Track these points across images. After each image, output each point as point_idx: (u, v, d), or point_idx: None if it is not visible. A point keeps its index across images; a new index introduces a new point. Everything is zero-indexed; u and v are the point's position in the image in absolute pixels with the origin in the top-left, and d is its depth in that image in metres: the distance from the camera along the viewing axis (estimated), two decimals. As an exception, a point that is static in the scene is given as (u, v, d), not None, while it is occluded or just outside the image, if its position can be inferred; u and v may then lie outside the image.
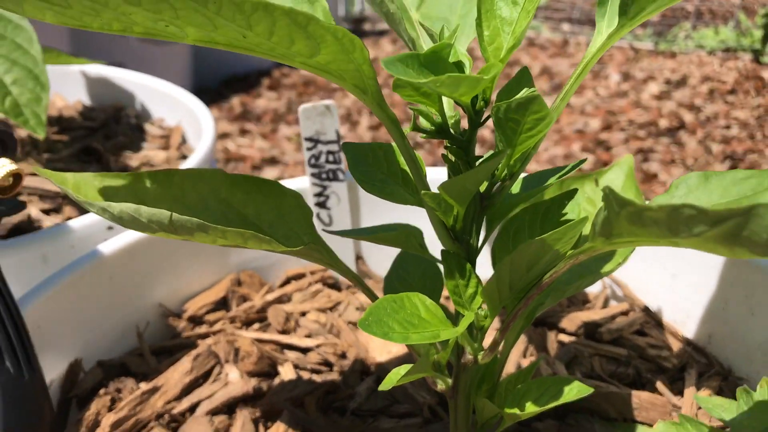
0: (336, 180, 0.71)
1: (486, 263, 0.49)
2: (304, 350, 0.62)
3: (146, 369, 0.60)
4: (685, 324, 0.64)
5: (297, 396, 0.55)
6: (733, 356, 0.60)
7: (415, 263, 0.50)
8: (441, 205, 0.38)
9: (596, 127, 2.12)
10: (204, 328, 0.64)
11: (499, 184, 0.40)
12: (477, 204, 0.40)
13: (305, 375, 0.58)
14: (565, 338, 0.63)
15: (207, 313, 0.67)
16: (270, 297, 0.68)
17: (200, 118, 0.94)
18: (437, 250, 0.42)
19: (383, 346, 0.62)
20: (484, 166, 0.34)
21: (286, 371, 0.58)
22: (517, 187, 0.44)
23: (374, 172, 0.43)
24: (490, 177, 0.40)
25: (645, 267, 0.67)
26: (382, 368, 0.59)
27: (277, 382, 0.57)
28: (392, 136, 0.36)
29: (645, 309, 0.67)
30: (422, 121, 0.39)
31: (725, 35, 3.03)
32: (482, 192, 0.40)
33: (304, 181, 0.72)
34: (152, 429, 0.53)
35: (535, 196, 0.42)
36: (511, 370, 0.59)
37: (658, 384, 0.58)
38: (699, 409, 0.56)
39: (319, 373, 0.59)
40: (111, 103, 1.09)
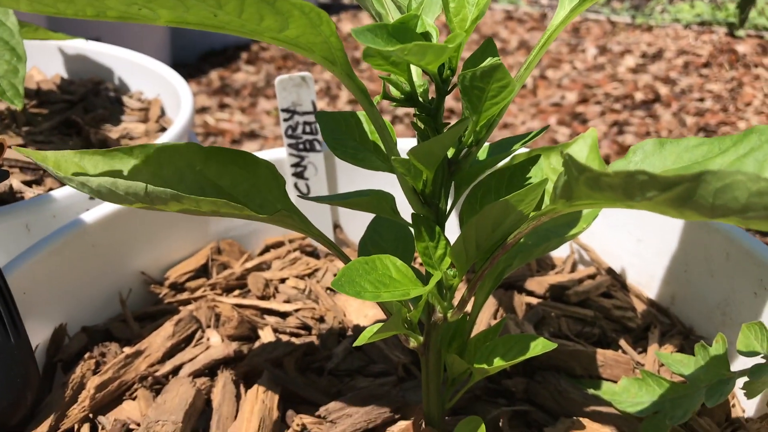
0: (313, 150, 0.73)
1: (456, 228, 0.51)
2: (283, 315, 0.64)
3: (129, 334, 0.61)
4: (649, 286, 0.67)
5: (276, 357, 0.57)
6: (694, 316, 0.63)
7: (388, 227, 0.52)
8: (410, 170, 0.40)
9: (573, 100, 2.14)
10: (185, 295, 0.66)
11: (466, 149, 0.42)
12: (445, 169, 0.42)
13: (284, 338, 0.60)
14: (534, 300, 0.65)
15: (188, 280, 0.69)
16: (249, 264, 0.70)
17: (179, 90, 0.94)
18: (409, 215, 0.44)
19: (360, 310, 0.64)
20: (450, 131, 0.36)
21: (265, 335, 0.60)
22: (483, 154, 0.45)
23: (347, 140, 0.45)
24: (457, 143, 0.42)
25: (611, 232, 0.69)
26: (359, 331, 0.62)
27: (257, 345, 0.59)
28: (362, 105, 0.38)
29: (611, 272, 0.69)
30: (392, 89, 0.40)
31: (701, 9, 3.05)
32: (450, 158, 0.42)
33: (281, 152, 0.74)
34: (136, 390, 0.54)
35: (501, 162, 0.44)
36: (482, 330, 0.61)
37: (623, 343, 0.61)
38: (661, 366, 0.59)
39: (297, 336, 0.61)
40: (89, 77, 1.09)
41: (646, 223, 0.67)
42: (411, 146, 0.71)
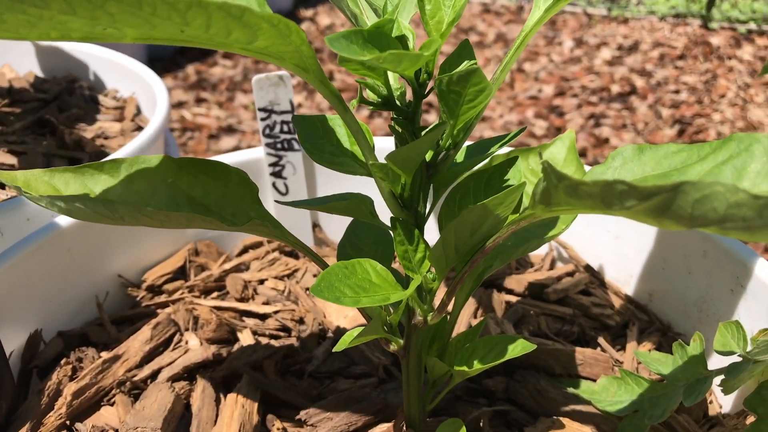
0: (291, 150, 0.72)
1: (435, 229, 0.51)
2: (263, 317, 0.63)
3: (107, 338, 0.61)
4: (628, 283, 0.67)
5: (256, 360, 0.57)
6: (672, 313, 0.64)
7: (367, 230, 0.52)
8: (389, 174, 0.40)
9: (550, 93, 2.15)
10: (163, 298, 0.66)
11: (444, 153, 0.41)
12: (423, 173, 0.41)
13: (264, 340, 0.60)
14: (513, 299, 0.66)
15: (166, 282, 0.68)
16: (228, 266, 0.70)
17: (154, 88, 0.93)
18: (388, 217, 0.44)
19: (340, 311, 0.64)
20: (427, 136, 0.36)
21: (245, 337, 0.60)
22: (462, 156, 0.45)
23: (324, 144, 0.44)
24: (435, 146, 0.41)
25: (590, 230, 0.70)
26: (339, 332, 0.61)
27: (236, 348, 0.59)
28: (337, 111, 0.38)
29: (590, 270, 0.69)
30: (369, 93, 0.40)
31: (675, 1, 3.07)
32: (428, 161, 0.42)
33: (259, 152, 0.73)
34: (114, 396, 0.54)
35: (479, 164, 0.44)
36: (462, 330, 0.61)
37: (601, 341, 0.61)
38: (640, 363, 0.59)
39: (277, 338, 0.61)
40: (64, 75, 1.08)
41: (623, 221, 0.67)
42: (389, 144, 0.72)
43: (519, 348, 0.44)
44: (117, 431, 0.51)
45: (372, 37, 0.33)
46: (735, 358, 0.48)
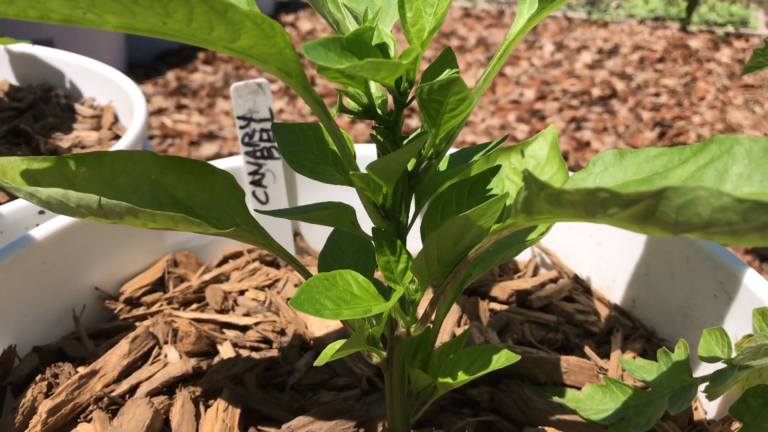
0: (271, 158, 0.71)
1: (418, 238, 0.50)
2: (243, 328, 0.62)
3: (84, 353, 0.59)
4: (611, 289, 0.67)
5: (236, 374, 0.56)
6: (656, 318, 0.63)
7: (348, 240, 0.51)
8: (370, 184, 0.39)
9: (531, 97, 2.15)
10: (141, 310, 0.64)
11: (425, 162, 0.41)
12: (405, 182, 0.41)
13: (244, 353, 0.59)
14: (497, 306, 0.65)
15: (144, 294, 0.67)
16: (207, 277, 0.69)
17: (131, 96, 0.92)
18: (370, 226, 0.43)
19: (322, 322, 0.63)
20: (408, 146, 0.35)
21: (225, 350, 0.59)
22: (444, 164, 0.45)
23: (304, 153, 0.44)
24: (416, 156, 0.41)
25: (572, 235, 0.69)
26: (321, 343, 0.60)
27: (216, 361, 0.58)
28: (319, 118, 0.37)
29: (573, 276, 0.69)
30: (349, 101, 0.39)
31: (654, 4, 3.09)
32: (410, 171, 0.41)
33: (239, 160, 0.72)
34: (91, 412, 0.53)
35: (462, 172, 0.43)
36: (446, 339, 0.60)
37: (586, 348, 0.60)
38: (624, 370, 0.59)
39: (258, 350, 0.60)
40: (39, 83, 1.06)
41: (606, 226, 0.67)
42: (371, 152, 0.71)
43: (503, 359, 0.43)
44: (94, 449, 0.50)
45: (351, 45, 0.33)
46: (720, 365, 0.48)
